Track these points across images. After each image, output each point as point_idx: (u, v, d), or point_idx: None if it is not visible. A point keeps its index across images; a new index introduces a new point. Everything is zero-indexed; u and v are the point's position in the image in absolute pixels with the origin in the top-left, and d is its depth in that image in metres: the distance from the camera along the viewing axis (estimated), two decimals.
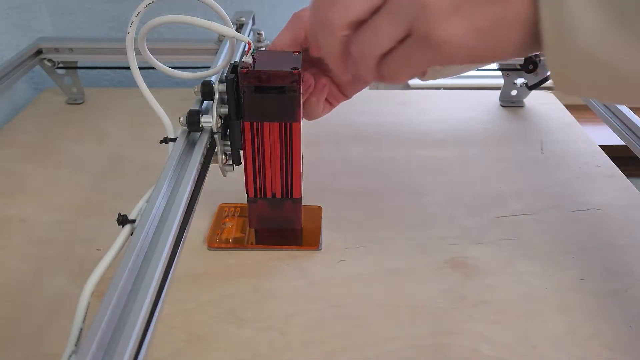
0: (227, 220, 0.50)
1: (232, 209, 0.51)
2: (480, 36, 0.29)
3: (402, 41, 0.31)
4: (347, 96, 0.46)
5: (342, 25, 0.32)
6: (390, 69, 0.32)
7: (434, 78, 0.44)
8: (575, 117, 0.72)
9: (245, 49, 0.40)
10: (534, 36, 0.29)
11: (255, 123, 0.41)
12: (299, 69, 0.39)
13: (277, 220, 0.47)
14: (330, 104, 0.46)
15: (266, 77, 0.39)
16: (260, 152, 0.43)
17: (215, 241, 0.47)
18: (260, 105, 0.40)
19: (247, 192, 0.45)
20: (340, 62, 0.34)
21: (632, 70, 0.26)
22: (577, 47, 0.27)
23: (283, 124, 0.41)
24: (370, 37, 0.31)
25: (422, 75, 0.45)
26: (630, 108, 0.60)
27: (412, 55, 0.31)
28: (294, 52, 0.41)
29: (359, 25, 0.32)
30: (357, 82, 0.44)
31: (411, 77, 0.34)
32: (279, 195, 0.45)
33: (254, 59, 0.40)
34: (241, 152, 0.44)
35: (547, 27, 0.27)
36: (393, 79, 0.33)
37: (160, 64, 0.41)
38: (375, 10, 0.31)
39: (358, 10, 0.31)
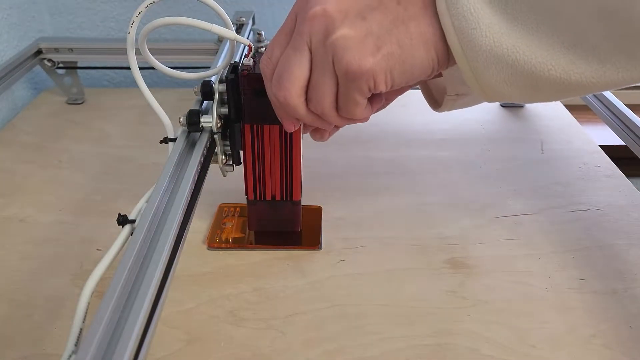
0: (226, 220, 0.50)
1: (232, 209, 0.51)
2: (391, 59, 0.33)
3: (338, 84, 0.34)
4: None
5: (296, 96, 0.35)
6: (344, 111, 0.35)
7: (450, 109, 0.49)
8: (575, 117, 0.72)
9: (246, 50, 0.40)
10: (444, 51, 0.33)
11: (255, 126, 0.41)
12: None
13: (277, 223, 0.47)
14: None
15: None
16: (260, 154, 0.43)
17: (215, 241, 0.47)
18: (261, 108, 0.40)
19: (246, 194, 0.45)
20: (314, 120, 0.37)
21: (533, 64, 0.29)
22: (480, 49, 0.30)
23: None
24: (316, 94, 0.35)
25: (437, 107, 0.49)
26: (630, 108, 0.60)
27: (349, 92, 0.34)
28: None
29: (307, 86, 0.35)
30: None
31: (370, 111, 0.37)
32: (278, 197, 0.45)
33: (254, 61, 0.40)
34: (241, 152, 0.44)
35: (451, 36, 0.31)
36: (353, 118, 0.36)
37: (160, 64, 0.41)
38: (311, 69, 0.34)
39: (300, 77, 0.34)
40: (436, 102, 0.53)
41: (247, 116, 0.41)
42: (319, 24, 0.33)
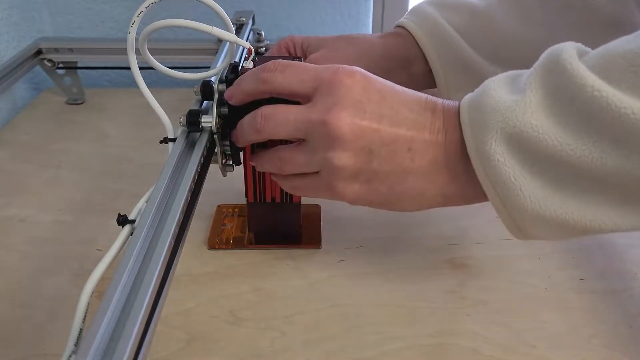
0: (226, 220, 0.50)
1: (231, 209, 0.51)
2: (376, 195, 0.36)
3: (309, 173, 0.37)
4: None
5: (276, 134, 0.37)
6: (295, 187, 0.39)
7: None
8: None
9: (246, 53, 0.40)
10: (448, 202, 0.37)
11: None
12: None
13: (277, 224, 0.47)
14: None
15: None
16: None
17: (216, 242, 0.47)
18: None
19: (246, 196, 0.45)
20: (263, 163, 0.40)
21: (584, 222, 0.30)
22: (526, 212, 0.31)
23: None
24: (288, 161, 0.37)
25: None
26: None
27: (317, 188, 0.38)
28: (294, 58, 0.41)
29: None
30: None
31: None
32: (278, 199, 0.45)
33: (254, 64, 0.40)
34: (241, 153, 0.44)
35: (494, 200, 0.33)
36: (294, 193, 0.41)
37: (160, 65, 0.41)
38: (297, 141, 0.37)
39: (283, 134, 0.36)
40: None
41: None
42: (328, 135, 0.34)
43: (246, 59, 0.39)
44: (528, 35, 0.49)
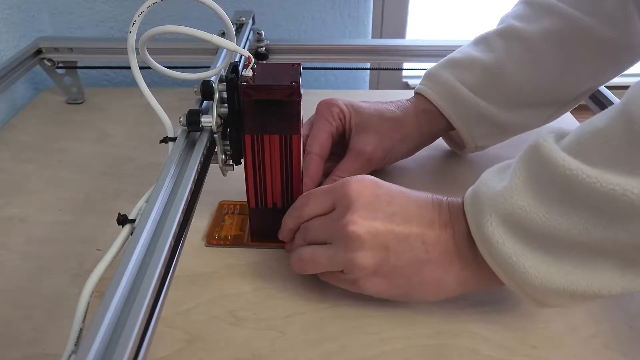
0: (226, 217, 0.50)
1: (232, 206, 0.51)
2: (396, 288, 0.38)
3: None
4: None
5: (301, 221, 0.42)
6: (324, 278, 0.41)
7: (472, 152, 0.57)
8: (575, 117, 0.72)
9: (246, 61, 0.40)
10: (467, 289, 0.38)
11: (255, 135, 0.41)
12: (298, 82, 0.39)
13: (278, 229, 0.47)
14: None
15: (266, 90, 0.39)
16: (260, 163, 0.42)
17: (214, 238, 0.47)
18: (261, 118, 0.40)
19: (248, 202, 0.45)
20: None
21: (592, 290, 0.32)
22: (535, 287, 0.34)
23: (283, 136, 0.41)
24: (310, 262, 0.40)
25: (460, 150, 0.58)
26: None
27: (341, 283, 0.40)
28: (293, 65, 0.42)
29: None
30: None
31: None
32: (280, 205, 0.45)
33: (253, 72, 0.40)
34: (241, 157, 0.44)
35: (505, 279, 0.35)
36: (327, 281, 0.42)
37: (160, 66, 0.41)
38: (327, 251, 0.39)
39: (321, 264, 0.40)
40: (458, 146, 0.59)
41: (247, 127, 0.41)
42: (347, 238, 0.37)
43: (245, 67, 0.39)
44: (540, 77, 0.52)
